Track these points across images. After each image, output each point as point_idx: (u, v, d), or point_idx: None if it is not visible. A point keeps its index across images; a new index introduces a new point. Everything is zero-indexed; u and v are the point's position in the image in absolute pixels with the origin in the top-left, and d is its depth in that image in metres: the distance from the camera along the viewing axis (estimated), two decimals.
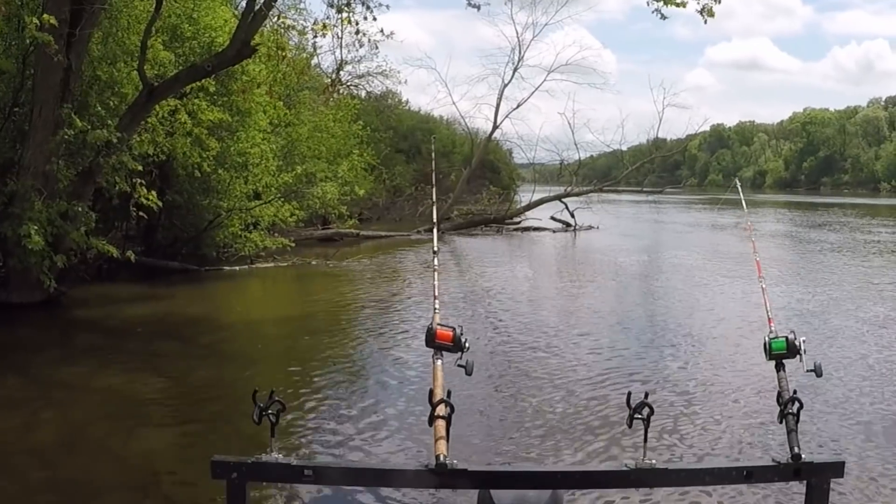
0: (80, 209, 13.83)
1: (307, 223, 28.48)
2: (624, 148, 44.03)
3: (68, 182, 14.06)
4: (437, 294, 3.02)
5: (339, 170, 26.70)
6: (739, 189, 4.70)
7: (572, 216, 37.57)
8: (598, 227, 37.49)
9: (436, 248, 3.39)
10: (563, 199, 37.97)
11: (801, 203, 79.99)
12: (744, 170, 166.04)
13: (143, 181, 15.37)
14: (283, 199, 22.06)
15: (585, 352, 12.03)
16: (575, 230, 36.99)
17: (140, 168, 14.99)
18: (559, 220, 37.84)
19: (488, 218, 37.38)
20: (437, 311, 2.90)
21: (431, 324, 2.74)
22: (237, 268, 20.41)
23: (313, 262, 22.24)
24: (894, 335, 13.50)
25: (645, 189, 47.04)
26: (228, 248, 20.85)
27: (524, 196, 42.02)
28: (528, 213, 38.57)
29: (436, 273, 3.17)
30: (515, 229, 37.34)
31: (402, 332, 13.53)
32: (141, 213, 16.18)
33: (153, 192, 15.48)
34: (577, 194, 38.54)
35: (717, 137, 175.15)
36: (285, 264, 21.62)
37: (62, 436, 8.05)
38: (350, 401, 9.40)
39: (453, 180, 39.62)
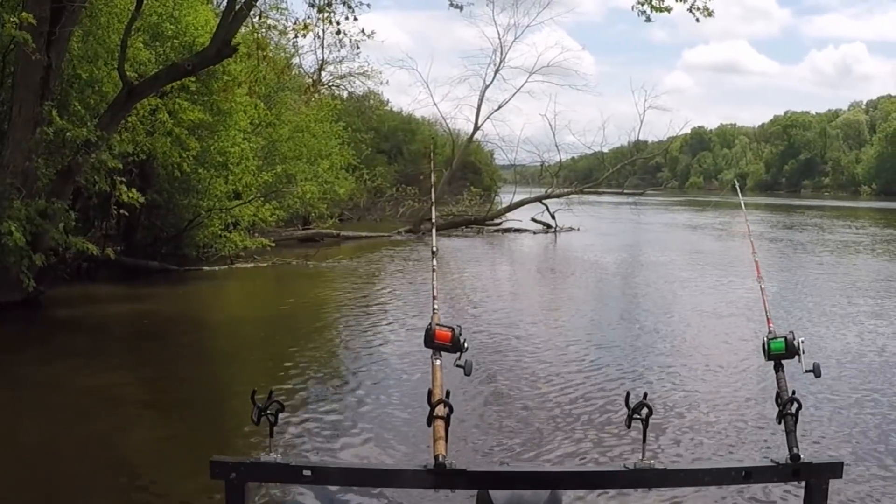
0: (58, 207, 13.80)
1: (287, 223, 28.44)
2: (605, 150, 44.18)
3: (48, 180, 14.02)
4: (435, 294, 3.00)
5: (318, 169, 26.64)
6: (738, 190, 4.75)
7: (553, 218, 37.63)
8: (578, 229, 37.57)
9: (434, 249, 3.38)
10: (544, 201, 38.02)
11: (782, 205, 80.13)
12: (725, 172, 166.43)
13: (124, 180, 15.34)
14: (263, 199, 22.03)
15: (583, 352, 12.05)
16: (556, 232, 37.06)
17: (120, 166, 14.98)
18: (540, 222, 37.90)
19: (469, 219, 37.41)
20: (435, 311, 2.86)
21: (430, 324, 2.71)
22: (217, 268, 20.38)
23: (293, 263, 22.21)
24: (889, 333, 13.62)
25: (626, 191, 46.92)
26: (209, 248, 20.80)
27: (505, 197, 42.05)
28: (509, 215, 38.52)
29: (434, 273, 3.16)
30: (496, 230, 37.35)
31: (394, 331, 13.58)
32: (121, 212, 16.15)
33: (133, 190, 15.46)
34: (558, 196, 38.57)
35: (699, 140, 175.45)
36: (265, 265, 21.58)
37: (46, 436, 8.00)
38: (348, 401, 9.39)
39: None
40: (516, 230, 37.05)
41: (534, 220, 37.94)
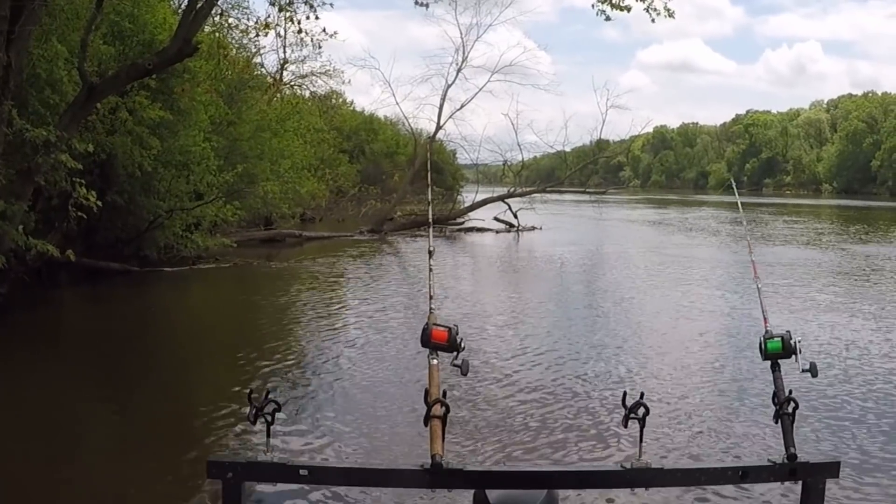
0: (18, 208, 13.66)
1: (250, 224, 28.31)
2: (567, 149, 44.33)
3: (7, 181, 13.88)
4: (432, 294, 3.00)
5: (280, 168, 26.54)
6: (735, 190, 4.75)
7: (515, 217, 37.77)
8: (540, 228, 37.75)
9: (431, 248, 3.37)
10: (507, 200, 38.17)
11: (745, 203, 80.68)
12: (686, 171, 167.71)
13: (84, 181, 15.19)
14: (224, 199, 21.88)
15: (578, 351, 12.07)
16: (518, 231, 37.19)
17: (80, 167, 14.84)
18: (502, 221, 38.02)
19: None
20: (432, 310, 2.85)
21: (427, 323, 2.69)
22: (178, 269, 20.24)
23: (255, 263, 22.13)
24: (883, 331, 13.73)
25: (588, 190, 47.08)
26: (171, 249, 20.63)
27: (468, 196, 42.12)
28: (472, 214, 38.67)
29: (431, 273, 3.19)
30: (458, 230, 37.45)
31: (382, 330, 13.51)
32: (80, 214, 16.00)
33: (93, 192, 15.31)
34: (521, 195, 38.75)
35: (661, 139, 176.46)
36: (227, 265, 21.48)
37: (29, 441, 7.88)
38: (344, 400, 9.39)
39: (396, 181, 39.57)
40: (479, 229, 37.15)
41: (496, 219, 38.09)
